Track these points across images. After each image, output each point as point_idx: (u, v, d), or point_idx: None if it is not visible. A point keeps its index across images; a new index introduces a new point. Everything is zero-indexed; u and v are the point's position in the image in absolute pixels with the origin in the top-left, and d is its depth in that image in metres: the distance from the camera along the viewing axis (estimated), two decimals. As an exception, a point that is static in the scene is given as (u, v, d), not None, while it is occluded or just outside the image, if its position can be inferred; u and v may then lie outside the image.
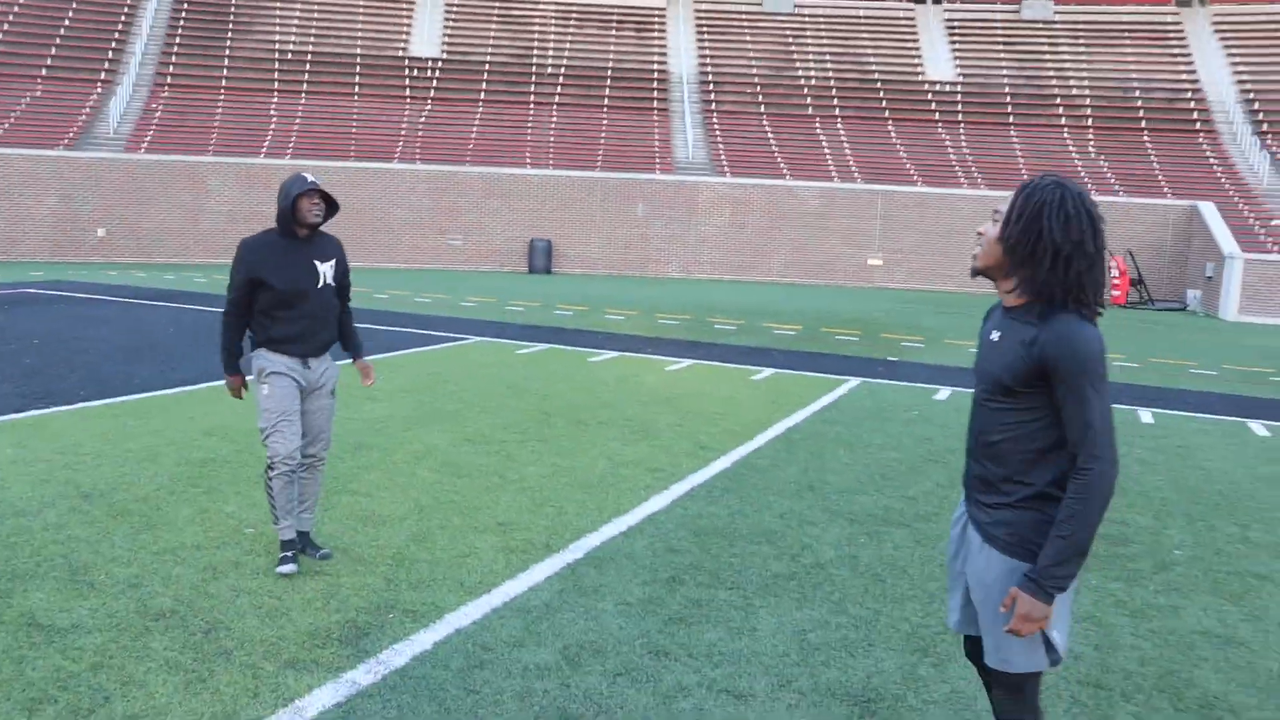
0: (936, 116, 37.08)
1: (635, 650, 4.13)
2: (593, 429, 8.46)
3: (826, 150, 34.95)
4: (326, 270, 4.91)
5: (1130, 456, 8.34)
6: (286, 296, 4.77)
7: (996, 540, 2.61)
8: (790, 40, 40.50)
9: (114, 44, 34.46)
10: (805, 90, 38.01)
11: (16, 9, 34.30)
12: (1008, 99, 37.55)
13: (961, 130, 36.41)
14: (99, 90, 32.83)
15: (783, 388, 11.02)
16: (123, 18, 35.57)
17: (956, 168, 33.93)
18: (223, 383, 8.00)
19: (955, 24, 40.95)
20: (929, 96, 37.72)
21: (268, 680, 3.72)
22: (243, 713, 3.46)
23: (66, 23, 34.62)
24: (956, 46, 39.95)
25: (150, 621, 4.20)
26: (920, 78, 38.63)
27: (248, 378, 5.04)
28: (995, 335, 2.66)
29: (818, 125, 36.62)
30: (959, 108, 37.24)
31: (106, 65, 33.71)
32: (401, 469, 6.89)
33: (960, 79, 38.40)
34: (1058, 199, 2.51)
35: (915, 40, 40.46)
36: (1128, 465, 8.00)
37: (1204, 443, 9.15)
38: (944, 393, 11.22)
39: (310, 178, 4.81)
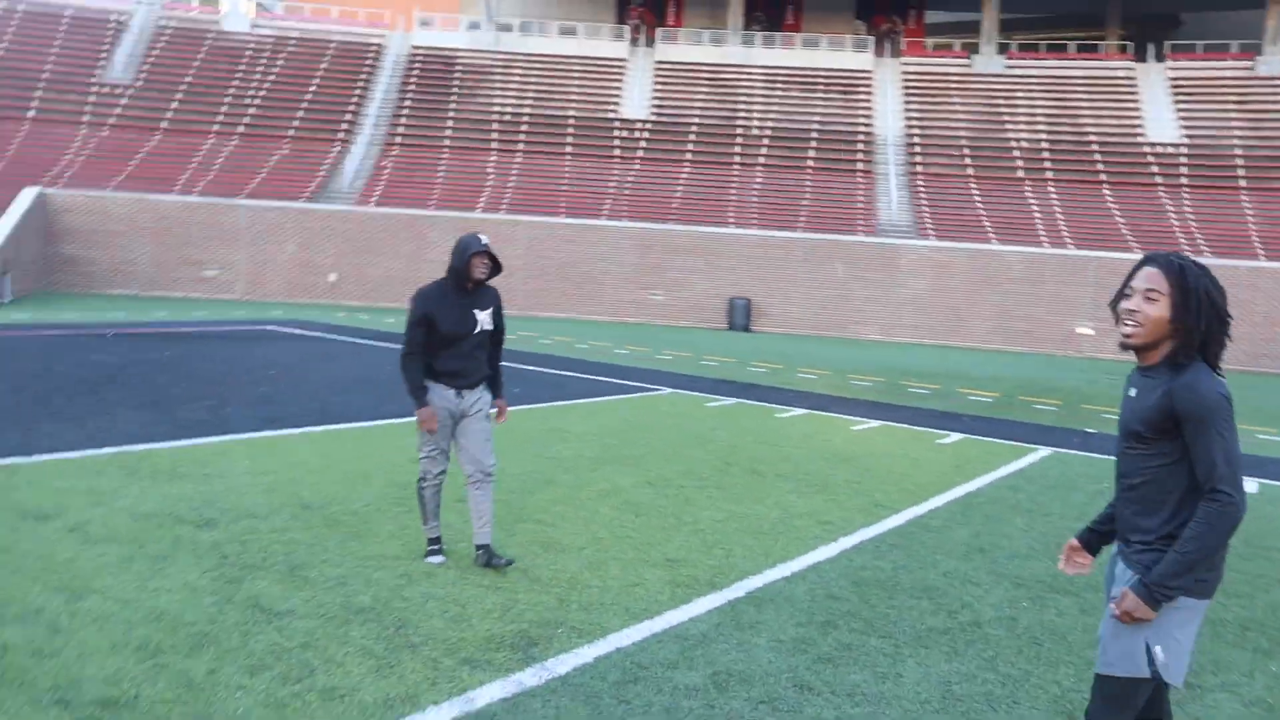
0: (1158, 180, 35.40)
1: (781, 682, 4.34)
2: (770, 480, 8.69)
3: (1036, 214, 33.96)
4: (484, 318, 5.61)
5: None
6: (449, 337, 5.47)
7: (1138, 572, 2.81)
8: (1000, 101, 39.72)
9: (351, 108, 37.62)
10: (1015, 152, 37.13)
11: (272, 79, 38.02)
12: (1238, 161, 35.44)
13: (1184, 195, 34.59)
14: (337, 149, 35.87)
15: (969, 453, 10.90)
16: (360, 84, 38.81)
17: (1179, 234, 32.22)
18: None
19: (1181, 83, 39.09)
20: (1149, 159, 36.09)
21: (446, 672, 4.17)
22: (422, 696, 3.91)
23: (313, 88, 38.09)
24: (1182, 106, 38.10)
25: (351, 615, 4.76)
26: (1140, 139, 37.04)
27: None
28: (1133, 392, 2.92)
29: (1027, 188, 35.65)
30: (1182, 171, 35.43)
31: (344, 126, 36.82)
32: (585, 504, 7.34)
33: (1185, 140, 36.56)
34: (1207, 275, 2.80)
35: (1135, 100, 38.86)
36: (1336, 550, 7.52)
37: None
38: (1141, 466, 10.78)
39: (484, 240, 5.55)
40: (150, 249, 29.74)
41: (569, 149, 37.50)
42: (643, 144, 37.85)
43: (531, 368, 16.37)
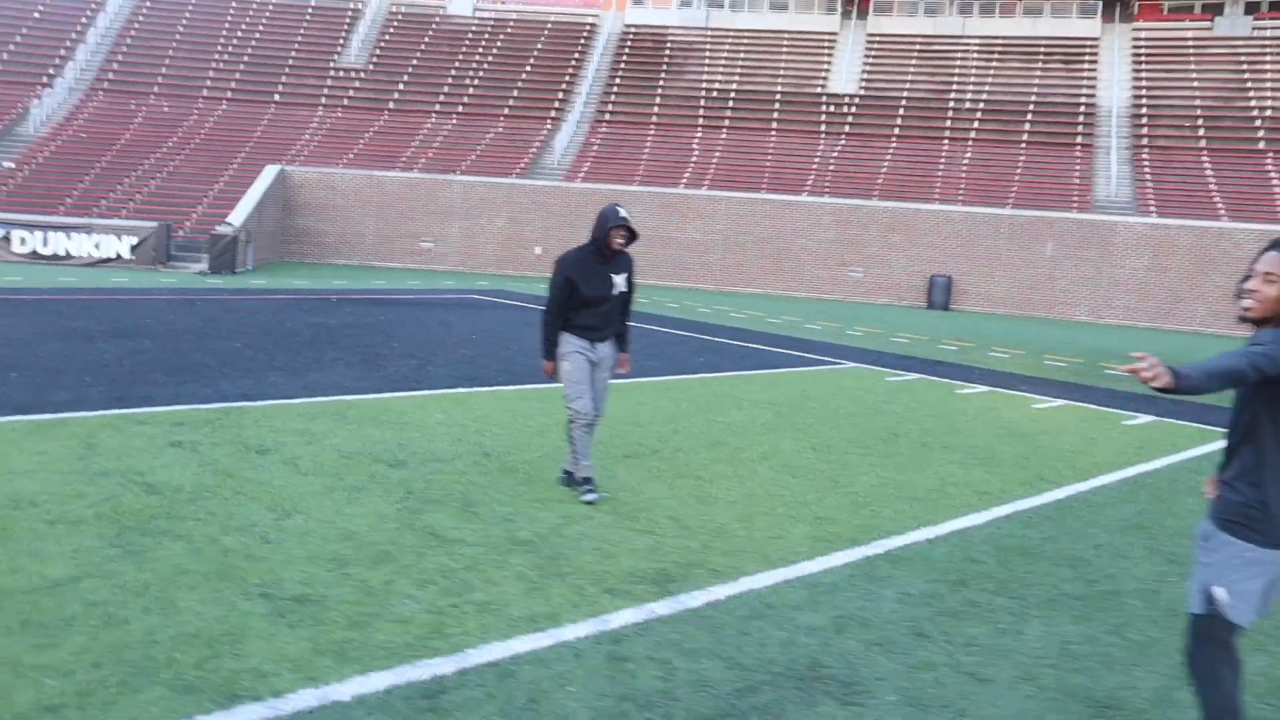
0: None
1: (899, 629, 4.57)
2: (935, 452, 8.75)
3: (1277, 188, 31.37)
4: (620, 281, 6.28)
5: None
6: (590, 299, 6.18)
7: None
8: (1245, 66, 36.77)
9: (564, 86, 38.93)
10: (1258, 121, 34.36)
11: (490, 61, 39.85)
12: None
13: None
14: (549, 126, 37.26)
15: (1155, 435, 10.50)
16: (573, 63, 40.09)
17: None
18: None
19: None
20: None
21: (589, 598, 4.63)
22: (562, 615, 4.40)
23: (528, 68, 39.66)
24: None
25: (513, 545, 5.31)
26: None
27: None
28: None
29: (1270, 161, 32.96)
30: None
31: (556, 104, 38.18)
32: (745, 465, 7.68)
33: None
34: None
35: (1407, 65, 35.12)
36: None
37: None
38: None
39: (622, 212, 6.15)
40: (374, 222, 31.98)
41: (775, 125, 37.50)
42: (850, 119, 37.38)
43: (721, 339, 16.76)
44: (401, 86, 38.44)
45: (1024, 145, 35.52)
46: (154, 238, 25.04)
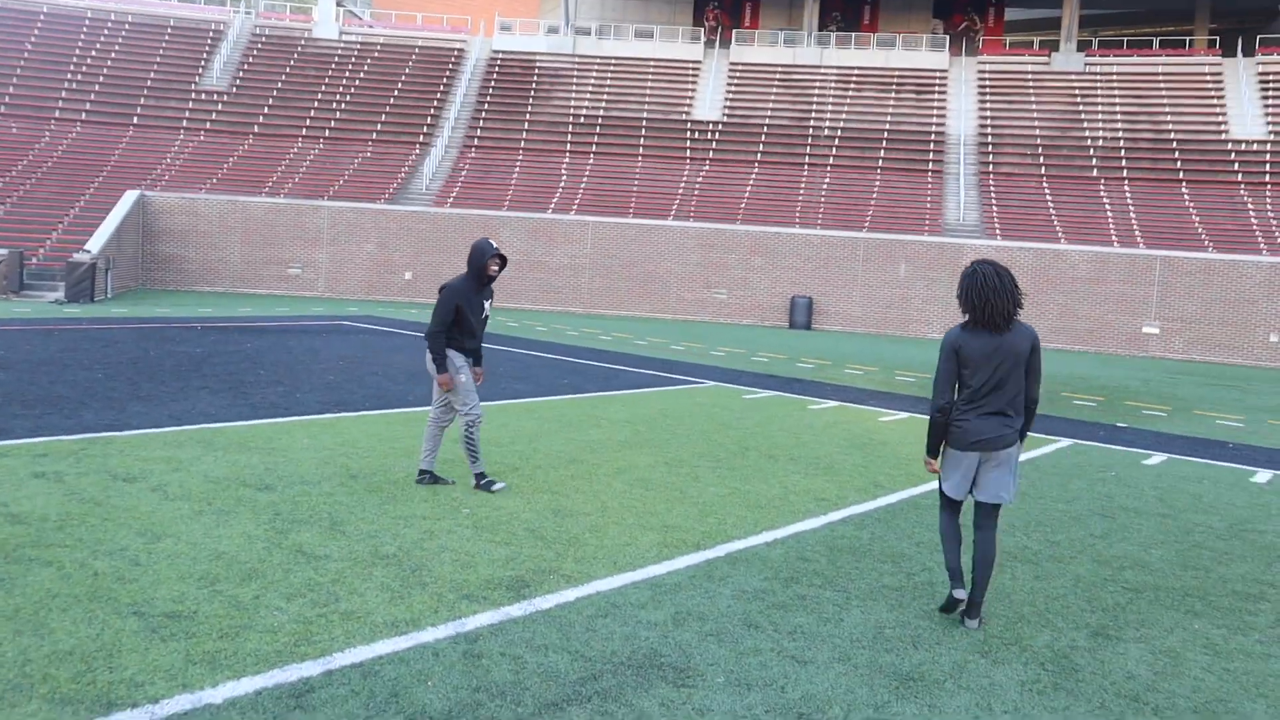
0: (1240, 178, 34.86)
1: (732, 621, 5.09)
2: (781, 463, 9.39)
3: (1109, 213, 33.75)
4: (487, 306, 7.48)
5: (1322, 529, 8.24)
6: (471, 322, 7.33)
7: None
8: (1079, 99, 39.43)
9: (432, 111, 39.02)
10: (1091, 151, 36.88)
11: (357, 85, 39.65)
12: (1323, 160, 34.70)
13: (1267, 192, 34.01)
14: (417, 151, 37.28)
15: (986, 442, 11.39)
16: (441, 88, 40.22)
17: (1257, 233, 31.75)
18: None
19: (1271, 78, 38.34)
20: (1232, 157, 35.53)
21: (447, 604, 5.01)
22: (423, 620, 4.76)
23: (396, 93, 39.61)
24: (1270, 102, 37.38)
25: (377, 560, 5.64)
26: (1223, 137, 36.46)
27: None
28: None
29: (1101, 187, 35.42)
30: (1267, 168, 34.83)
31: (425, 129, 38.24)
32: (600, 480, 8.14)
33: (1271, 137, 35.90)
34: None
35: (1221, 97, 38.23)
36: (1312, 536, 7.94)
37: None
38: (1156, 458, 11.19)
39: (494, 244, 7.29)
40: (239, 248, 31.45)
41: (641, 150, 38.36)
42: (714, 145, 38.53)
43: (587, 361, 17.22)
44: (266, 110, 37.90)
45: (879, 171, 37.25)
46: (6, 265, 24.16)
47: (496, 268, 7.33)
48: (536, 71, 41.81)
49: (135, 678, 3.97)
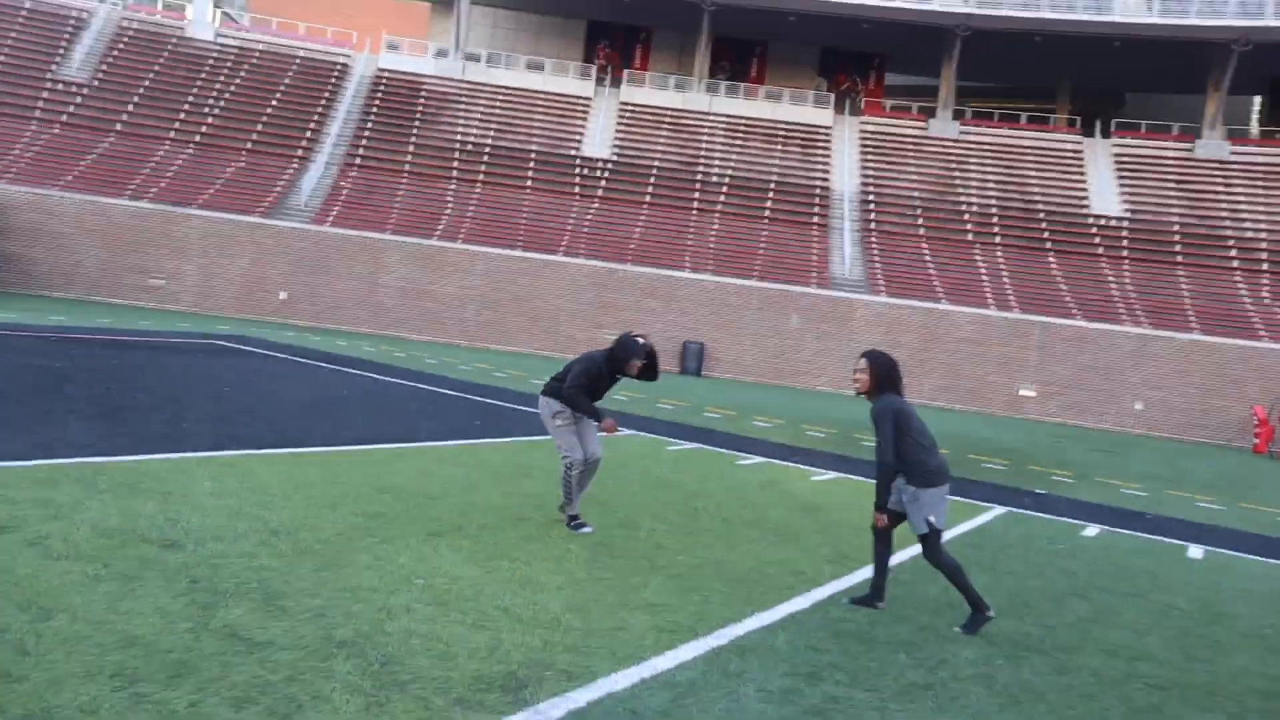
0: (1100, 251, 36.43)
1: (777, 735, 4.29)
2: (738, 528, 8.67)
3: (984, 277, 34.69)
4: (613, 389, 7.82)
5: (1293, 617, 8.01)
6: (596, 394, 7.60)
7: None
8: (954, 165, 40.66)
9: (312, 125, 37.30)
10: (966, 216, 37.97)
11: (232, 90, 37.61)
12: (1176, 237, 36.63)
13: (1126, 267, 35.62)
14: (295, 165, 35.49)
15: (926, 508, 10.97)
16: (323, 102, 38.54)
17: (1119, 304, 33.13)
18: (385, 448, 8.61)
19: (1125, 159, 40.40)
20: (1093, 230, 37.14)
21: (439, 712, 4.05)
22: (418, 738, 3.79)
23: (274, 103, 37.73)
24: (1125, 181, 39.35)
25: (334, 648, 4.61)
26: (1085, 211, 38.12)
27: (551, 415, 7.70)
28: None
29: (976, 251, 36.45)
30: (1124, 243, 36.51)
31: (304, 143, 36.48)
32: (555, 543, 7.24)
33: (1128, 214, 37.72)
34: None
35: (1082, 173, 40.06)
36: (1290, 625, 7.69)
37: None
38: (1092, 530, 10.98)
39: (641, 342, 7.39)
40: (96, 252, 29.07)
41: (529, 183, 37.53)
42: (603, 183, 38.01)
43: (491, 400, 16.21)
44: (132, 107, 35.47)
45: (767, 220, 37.43)
46: None
47: (636, 371, 7.44)
48: (423, 94, 40.58)
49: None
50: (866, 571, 7.59)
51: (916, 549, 8.61)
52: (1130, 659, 6.23)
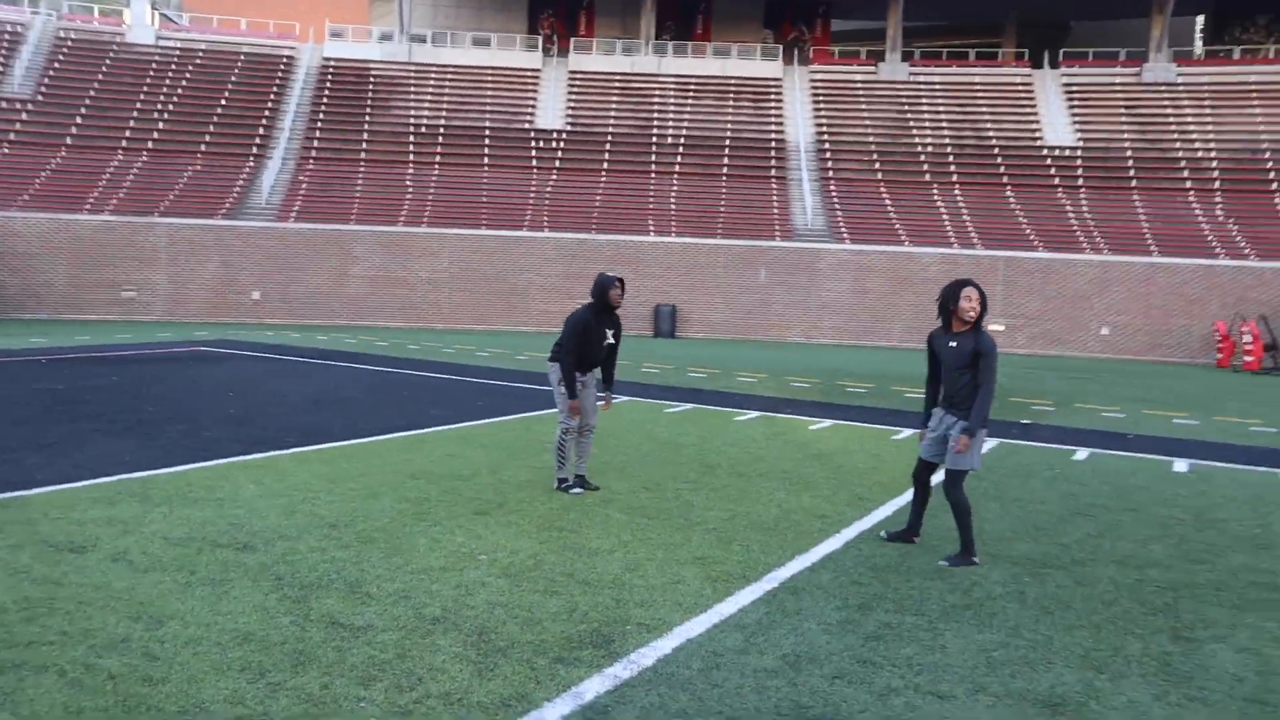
0: (1056, 182, 37.08)
1: (845, 660, 4.73)
2: (754, 480, 9.11)
3: (945, 216, 35.25)
4: (610, 334, 8.19)
5: (1280, 515, 8.59)
6: (590, 351, 8.07)
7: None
8: (906, 107, 41.08)
9: (264, 121, 37.03)
10: (922, 157, 38.46)
11: (180, 93, 37.20)
12: (1130, 163, 37.36)
13: (1083, 196, 36.32)
14: (251, 163, 35.28)
15: (925, 446, 11.47)
16: (272, 97, 38.23)
17: (1078, 233, 33.84)
18: (407, 435, 8.95)
19: (1074, 89, 41.00)
20: (1048, 162, 37.78)
21: (544, 671, 4.44)
22: (534, 695, 4.19)
23: (223, 102, 37.38)
24: (1076, 111, 39.98)
25: (429, 625, 4.99)
26: (1039, 143, 38.74)
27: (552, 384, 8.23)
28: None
29: (935, 191, 36.98)
30: (1079, 173, 37.19)
31: (258, 140, 36.24)
32: (593, 510, 7.63)
33: (1080, 144, 38.38)
34: None
35: (1033, 106, 40.62)
36: None
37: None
38: (1082, 454, 11.53)
39: (611, 273, 8.08)
40: (65, 270, 28.88)
41: (487, 161, 37.55)
42: (560, 154, 38.10)
43: (484, 380, 16.51)
44: (80, 120, 35.04)
45: (725, 178, 37.72)
46: None
47: (618, 299, 8.04)
48: (372, 80, 40.34)
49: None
50: (884, 511, 8.07)
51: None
52: (1139, 567, 6.74)
